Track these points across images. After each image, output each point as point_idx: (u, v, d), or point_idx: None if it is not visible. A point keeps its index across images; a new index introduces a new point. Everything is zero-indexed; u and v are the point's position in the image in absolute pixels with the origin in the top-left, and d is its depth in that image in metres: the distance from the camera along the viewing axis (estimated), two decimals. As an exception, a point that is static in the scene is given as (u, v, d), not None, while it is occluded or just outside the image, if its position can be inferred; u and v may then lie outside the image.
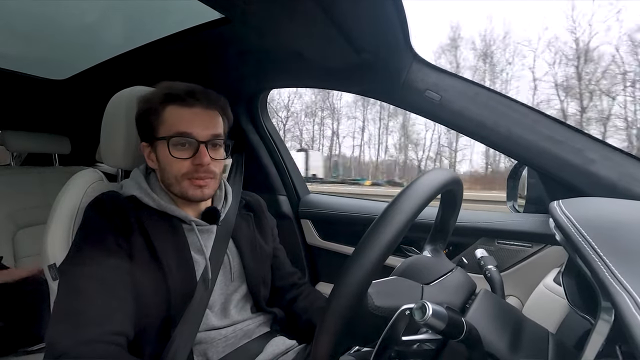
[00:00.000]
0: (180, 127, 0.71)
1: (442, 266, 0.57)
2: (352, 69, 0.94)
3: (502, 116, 0.86)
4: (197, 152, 0.71)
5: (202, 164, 0.71)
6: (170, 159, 0.71)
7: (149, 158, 0.76)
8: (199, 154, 0.71)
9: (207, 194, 0.74)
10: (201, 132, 0.71)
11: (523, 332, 0.48)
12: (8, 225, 1.40)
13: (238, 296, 0.80)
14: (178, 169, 0.72)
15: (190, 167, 0.71)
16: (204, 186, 0.73)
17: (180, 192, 0.73)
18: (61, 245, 0.71)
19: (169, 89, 0.73)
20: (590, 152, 0.79)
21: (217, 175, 0.75)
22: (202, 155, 0.71)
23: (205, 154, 0.71)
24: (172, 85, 0.73)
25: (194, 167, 0.71)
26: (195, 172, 0.71)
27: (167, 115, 0.72)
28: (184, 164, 0.71)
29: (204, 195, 0.74)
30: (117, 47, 1.13)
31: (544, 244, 0.94)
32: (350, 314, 0.38)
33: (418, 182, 0.44)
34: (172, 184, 0.73)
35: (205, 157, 0.71)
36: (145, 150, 0.76)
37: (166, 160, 0.72)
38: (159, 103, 0.72)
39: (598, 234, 0.40)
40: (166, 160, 0.72)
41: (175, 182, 0.73)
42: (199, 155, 0.71)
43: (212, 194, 0.76)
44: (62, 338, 0.57)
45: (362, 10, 0.71)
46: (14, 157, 1.67)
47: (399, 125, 28.49)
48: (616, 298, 0.33)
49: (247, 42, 1.00)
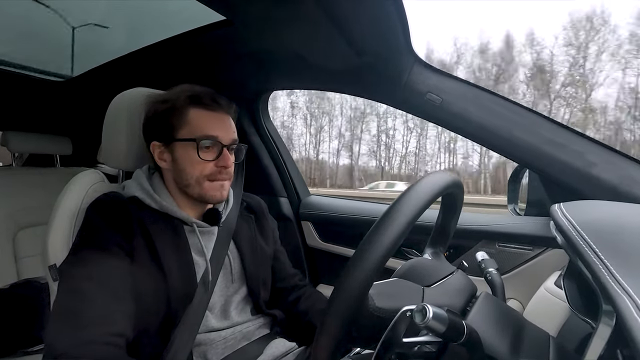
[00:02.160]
0: (207, 130, 0.72)
1: (443, 269, 0.57)
2: (353, 71, 0.94)
3: (503, 119, 0.86)
4: (221, 155, 0.73)
5: (227, 166, 0.73)
6: (194, 160, 0.72)
7: (161, 158, 0.75)
8: (222, 157, 0.73)
9: (224, 196, 0.77)
10: (225, 136, 0.74)
11: (524, 336, 0.48)
12: (9, 225, 1.40)
13: (238, 298, 0.80)
14: (201, 170, 0.73)
15: (214, 169, 0.73)
16: (223, 187, 0.76)
17: (199, 193, 0.74)
18: (62, 246, 0.71)
19: (192, 91, 0.74)
20: (591, 155, 0.79)
21: (231, 177, 0.78)
22: (227, 158, 0.73)
23: (229, 157, 0.74)
24: (193, 88, 0.75)
25: (218, 169, 0.73)
26: (219, 174, 0.74)
27: (191, 117, 0.73)
28: (207, 166, 0.73)
29: (223, 197, 0.76)
30: (119, 48, 1.14)
31: (545, 247, 0.94)
32: (350, 316, 0.38)
33: (419, 185, 0.44)
34: (191, 185, 0.74)
35: (229, 160, 0.74)
36: (156, 150, 0.75)
37: (188, 161, 0.73)
38: (183, 104, 0.73)
39: (599, 237, 0.40)
40: (188, 161, 0.73)
41: (196, 183, 0.73)
42: (222, 157, 0.73)
43: (227, 195, 0.79)
44: (61, 339, 0.57)
45: (363, 12, 0.71)
46: (16, 158, 1.68)
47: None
48: (617, 301, 0.33)
49: (248, 44, 1.00)
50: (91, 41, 1.09)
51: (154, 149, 0.75)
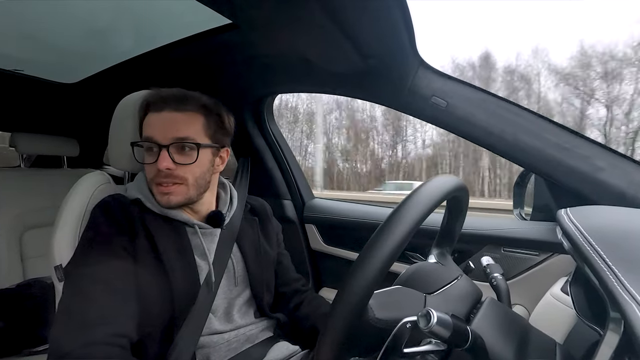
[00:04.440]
0: (146, 131, 0.71)
1: (447, 274, 0.57)
2: (358, 74, 0.94)
3: (508, 123, 0.85)
4: (158, 157, 0.69)
5: (159, 168, 0.68)
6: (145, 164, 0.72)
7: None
8: (158, 159, 0.68)
9: (173, 201, 0.71)
10: (163, 136, 0.69)
11: (529, 342, 0.48)
12: (16, 225, 1.42)
13: (241, 301, 0.80)
14: (148, 173, 0.73)
15: (155, 172, 0.70)
16: (168, 193, 0.70)
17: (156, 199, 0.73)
18: (68, 247, 0.72)
19: (148, 96, 0.74)
20: (598, 159, 0.78)
21: (186, 181, 0.71)
22: (160, 159, 0.68)
23: (164, 159, 0.68)
24: (154, 92, 0.74)
25: (157, 172, 0.69)
26: (161, 177, 0.70)
27: (144, 122, 0.73)
28: (150, 169, 0.71)
29: (170, 202, 0.71)
30: (125, 52, 1.15)
31: (551, 252, 0.93)
32: (354, 319, 0.38)
33: (423, 189, 0.44)
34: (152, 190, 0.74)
35: (163, 162, 0.68)
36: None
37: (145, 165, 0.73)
38: (141, 111, 0.74)
39: (607, 243, 0.40)
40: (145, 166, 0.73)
41: (151, 187, 0.73)
42: (158, 159, 0.69)
43: (181, 200, 0.72)
44: (65, 339, 0.57)
45: (368, 16, 0.71)
46: (23, 159, 1.70)
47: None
48: (625, 308, 0.33)
49: (253, 48, 1.01)
50: (98, 44, 1.10)
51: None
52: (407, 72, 0.90)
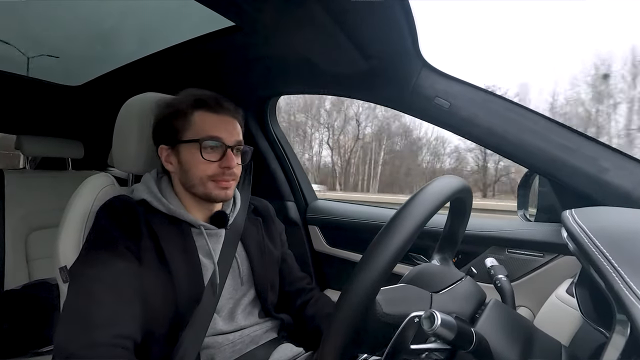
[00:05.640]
0: (210, 131, 0.74)
1: (451, 275, 0.57)
2: (361, 75, 0.94)
3: (512, 123, 0.85)
4: (225, 156, 0.74)
5: (230, 166, 0.74)
6: (198, 161, 0.73)
7: (167, 161, 0.77)
8: (226, 158, 0.74)
9: (229, 195, 0.78)
10: (229, 137, 0.75)
11: (534, 344, 0.47)
12: (21, 227, 1.43)
13: (246, 301, 0.80)
14: (204, 170, 0.74)
15: (217, 170, 0.74)
16: (227, 188, 0.76)
17: (204, 193, 0.75)
18: (72, 248, 0.72)
19: (197, 95, 0.76)
20: (603, 160, 0.78)
21: (237, 178, 0.79)
22: (230, 158, 0.74)
23: (233, 158, 0.75)
24: (198, 92, 0.77)
25: (221, 170, 0.74)
26: (222, 175, 0.75)
27: (196, 120, 0.74)
28: (210, 166, 0.74)
29: (227, 196, 0.77)
30: (130, 54, 1.16)
31: (556, 253, 0.92)
32: (357, 322, 0.38)
33: (427, 189, 0.44)
34: (196, 185, 0.75)
35: (233, 161, 0.75)
36: (164, 153, 0.77)
37: (192, 162, 0.74)
38: (188, 108, 0.75)
39: (612, 244, 0.39)
40: (192, 162, 0.74)
41: (200, 183, 0.75)
42: (226, 158, 0.74)
43: (232, 195, 0.80)
44: (70, 340, 0.58)
45: (370, 17, 0.72)
46: (29, 161, 1.71)
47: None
48: (632, 310, 0.32)
49: (257, 49, 1.01)
50: (103, 47, 1.11)
51: (162, 152, 0.77)
52: (410, 73, 0.90)
